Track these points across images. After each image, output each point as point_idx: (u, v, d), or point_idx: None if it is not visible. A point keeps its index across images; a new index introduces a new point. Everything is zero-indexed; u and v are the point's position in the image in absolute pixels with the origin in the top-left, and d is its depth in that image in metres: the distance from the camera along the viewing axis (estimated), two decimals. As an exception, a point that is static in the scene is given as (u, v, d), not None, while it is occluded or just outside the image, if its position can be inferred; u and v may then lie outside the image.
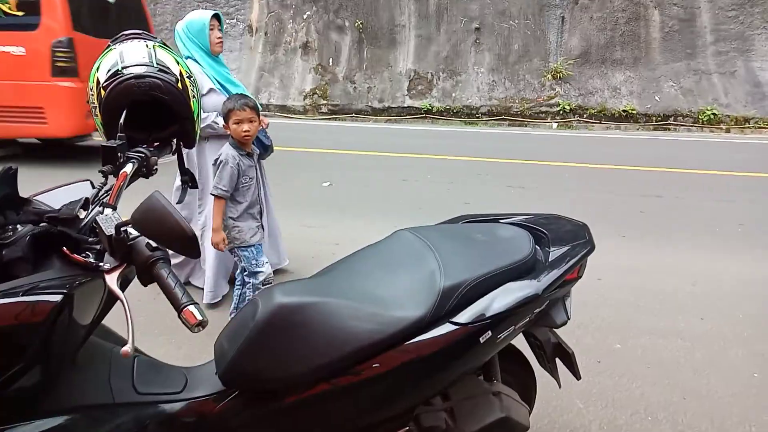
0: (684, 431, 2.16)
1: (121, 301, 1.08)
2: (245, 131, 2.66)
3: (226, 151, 2.70)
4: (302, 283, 1.52)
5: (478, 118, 11.71)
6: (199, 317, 1.03)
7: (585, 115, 11.24)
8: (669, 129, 10.86)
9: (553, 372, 1.83)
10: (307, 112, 12.41)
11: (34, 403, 1.22)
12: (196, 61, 3.16)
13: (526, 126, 11.28)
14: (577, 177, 6.39)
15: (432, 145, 8.59)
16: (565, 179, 6.28)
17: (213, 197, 2.72)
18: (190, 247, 1.08)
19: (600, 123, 11.13)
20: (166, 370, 1.50)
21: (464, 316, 1.42)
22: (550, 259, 1.58)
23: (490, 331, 1.44)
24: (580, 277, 1.64)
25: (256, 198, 2.83)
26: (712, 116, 10.71)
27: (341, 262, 1.63)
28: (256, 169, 2.85)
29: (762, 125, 10.54)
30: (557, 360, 1.81)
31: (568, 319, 1.62)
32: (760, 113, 10.68)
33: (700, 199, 5.49)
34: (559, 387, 1.86)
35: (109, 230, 1.10)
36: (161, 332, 2.76)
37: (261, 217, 2.91)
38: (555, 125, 11.24)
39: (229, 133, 2.73)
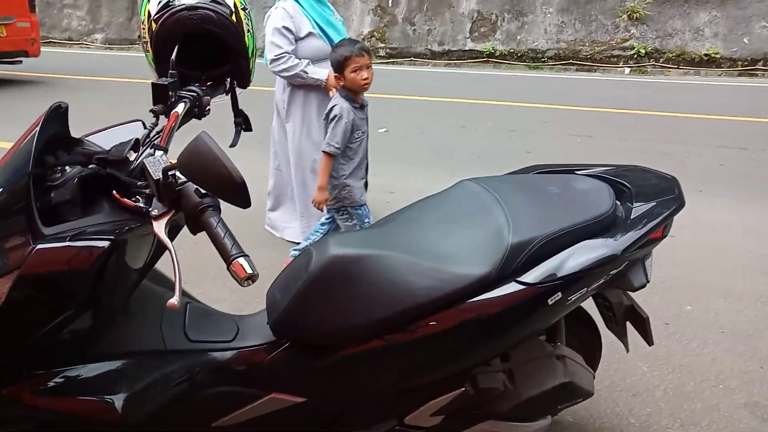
0: (759, 402, 2.02)
1: (169, 251, 1.04)
2: (365, 79, 2.44)
3: (340, 103, 2.48)
4: (358, 234, 1.46)
5: (543, 62, 11.13)
6: (249, 270, 0.98)
7: (661, 60, 10.45)
8: (756, 75, 9.96)
9: (622, 335, 1.71)
10: (366, 56, 12.13)
11: (86, 347, 1.23)
12: (297, 1, 2.92)
13: (595, 71, 10.62)
14: (650, 126, 5.98)
15: (494, 90, 8.23)
16: (636, 129, 5.89)
17: (323, 154, 2.54)
18: (238, 194, 1.02)
19: (677, 68, 10.33)
20: (218, 318, 1.49)
21: (532, 276, 1.32)
22: (631, 216, 1.43)
23: (560, 293, 1.34)
24: (665, 236, 1.49)
25: (365, 153, 2.66)
26: (807, 60, 9.73)
27: (400, 212, 1.55)
28: (367, 123, 2.65)
29: None
30: (627, 323, 1.69)
31: (648, 281, 1.48)
32: None
33: None
34: (627, 351, 1.75)
35: (157, 174, 1.05)
36: (217, 275, 2.80)
37: (366, 173, 2.74)
38: (627, 70, 10.53)
39: (341, 84, 2.50)
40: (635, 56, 10.52)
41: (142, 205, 1.15)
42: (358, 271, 1.30)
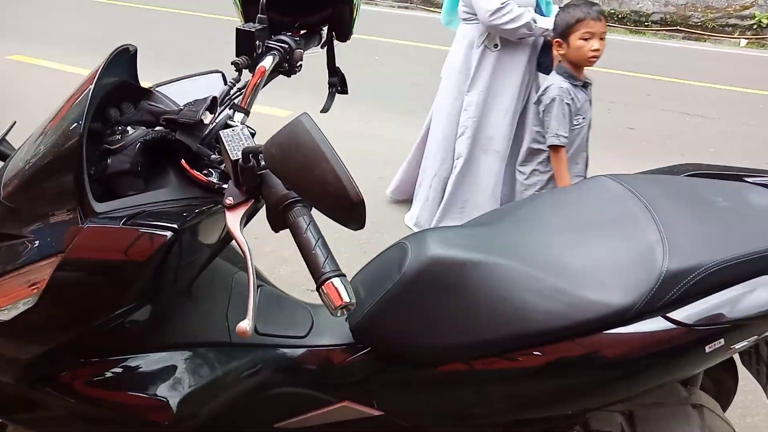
0: None
1: (243, 252, 0.81)
2: (595, 50, 2.01)
3: (557, 82, 2.07)
4: (464, 231, 1.19)
5: (647, 26, 10.16)
6: (346, 298, 0.74)
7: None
8: None
9: (765, 380, 1.39)
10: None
11: (147, 336, 1.06)
12: None
13: (705, 41, 9.59)
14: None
15: (590, 55, 7.56)
16: (758, 112, 5.21)
17: (551, 149, 2.12)
18: (349, 212, 0.76)
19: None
20: (291, 307, 1.29)
21: (689, 313, 1.02)
22: None
23: (722, 339, 1.04)
24: None
25: (584, 144, 2.23)
26: None
27: (514, 208, 1.27)
28: (590, 105, 2.21)
29: None
30: None
31: None
32: None
33: None
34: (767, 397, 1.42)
35: (236, 154, 0.81)
36: (286, 233, 2.63)
37: (586, 167, 2.29)
38: (743, 42, 9.45)
39: (561, 53, 2.06)
40: (755, 26, 9.42)
41: (215, 181, 0.93)
42: (461, 280, 1.06)
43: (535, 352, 1.05)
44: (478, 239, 1.15)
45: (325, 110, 1.28)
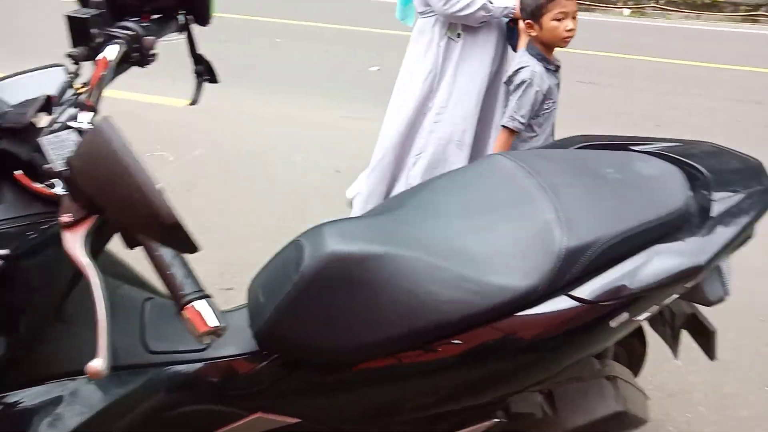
0: (810, 408, 1.78)
1: (86, 277, 0.67)
2: (569, 31, 1.85)
3: (531, 65, 1.91)
4: (363, 222, 1.10)
5: None
6: (213, 322, 0.62)
7: (662, 2, 9.93)
8: (758, 21, 9.53)
9: (673, 342, 1.42)
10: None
11: (16, 370, 0.90)
12: None
13: (594, 11, 10.05)
14: (655, 74, 5.59)
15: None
16: (643, 76, 5.50)
17: (502, 129, 2.00)
18: (169, 235, 0.62)
19: (679, 11, 9.83)
20: None
21: (592, 290, 0.99)
22: (714, 212, 1.10)
23: (626, 313, 1.02)
24: (750, 237, 1.17)
25: (552, 129, 2.08)
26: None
27: (411, 194, 1.19)
28: (559, 88, 2.06)
29: None
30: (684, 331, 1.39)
31: (727, 294, 1.17)
32: None
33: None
34: (675, 358, 1.46)
35: (61, 164, 0.66)
36: (197, 230, 2.44)
37: None
38: (627, 11, 10.00)
39: (533, 34, 1.90)
40: (637, -4, 9.99)
41: (61, 192, 0.78)
42: (363, 275, 0.98)
43: (452, 341, 1.00)
44: (378, 230, 1.07)
45: (193, 102, 1.14)
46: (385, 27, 7.27)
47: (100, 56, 0.85)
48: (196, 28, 1.12)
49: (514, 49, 2.25)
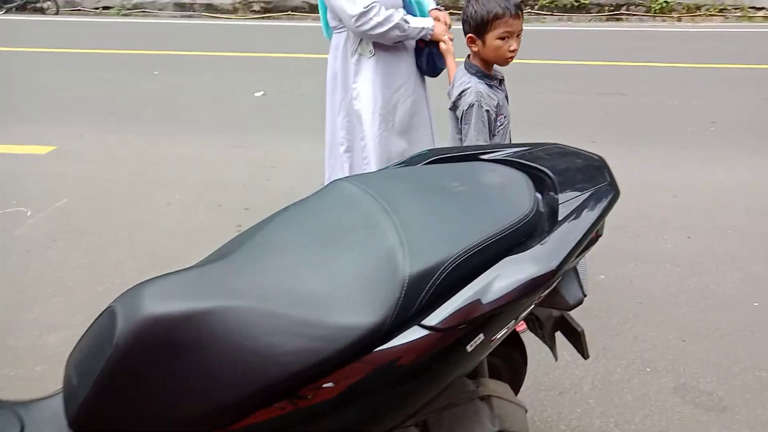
0: (687, 384, 1.86)
1: None
2: (513, 51, 1.74)
3: (473, 85, 1.76)
4: (189, 275, 0.99)
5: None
6: None
7: (536, 7, 10.52)
8: (621, 19, 10.33)
9: (552, 346, 1.42)
10: (237, 11, 11.14)
11: None
12: None
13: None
14: (530, 74, 5.85)
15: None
16: (518, 76, 5.74)
17: None
18: None
19: (552, 15, 10.46)
20: None
21: (441, 317, 0.94)
22: (561, 214, 1.09)
23: (481, 335, 0.99)
24: (600, 235, 1.18)
25: (509, 141, 1.94)
26: (664, 4, 10.20)
27: (251, 232, 1.09)
28: (508, 101, 1.91)
29: (713, 12, 10.14)
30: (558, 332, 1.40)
31: (585, 295, 1.18)
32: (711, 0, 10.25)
33: (666, 95, 5.10)
34: (555, 360, 1.47)
35: None
36: (56, 291, 2.21)
37: None
38: (506, 18, 10.50)
39: (474, 50, 1.78)
40: (512, 3, 10.51)
41: None
42: (188, 337, 0.87)
43: (312, 388, 0.91)
44: (206, 282, 0.96)
45: None
46: (267, 50, 7.17)
47: None
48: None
49: (424, 71, 2.22)
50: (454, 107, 1.82)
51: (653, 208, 3.02)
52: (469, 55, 1.83)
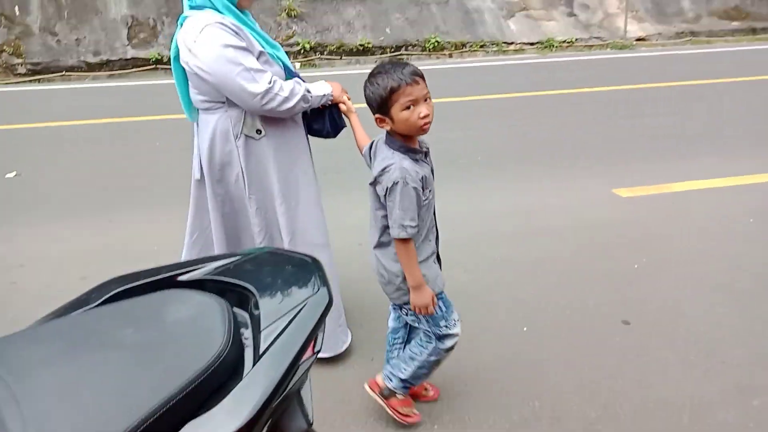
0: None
1: None
2: (424, 117, 1.62)
3: (396, 161, 1.65)
4: None
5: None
6: None
7: (325, 52, 10.99)
8: (402, 59, 11.23)
9: None
10: (-3, 76, 9.90)
11: None
12: (233, 15, 1.92)
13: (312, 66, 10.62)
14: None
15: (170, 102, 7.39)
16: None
17: (397, 242, 1.68)
18: None
19: (341, 59, 11.00)
20: None
21: None
22: (264, 342, 0.96)
23: None
24: (318, 352, 1.08)
25: (433, 219, 1.81)
26: (436, 43, 11.31)
27: None
28: (433, 174, 1.79)
29: (475, 48, 11.50)
30: None
31: (310, 423, 1.07)
32: (473, 38, 11.64)
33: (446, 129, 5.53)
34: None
35: None
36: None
37: (437, 245, 1.84)
38: (298, 65, 10.80)
39: (387, 129, 1.68)
40: (302, 51, 10.84)
41: None
42: None
43: None
44: None
45: None
46: (21, 122, 6.38)
47: None
48: None
49: (326, 134, 2.13)
50: (375, 182, 1.72)
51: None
52: (387, 134, 1.73)
